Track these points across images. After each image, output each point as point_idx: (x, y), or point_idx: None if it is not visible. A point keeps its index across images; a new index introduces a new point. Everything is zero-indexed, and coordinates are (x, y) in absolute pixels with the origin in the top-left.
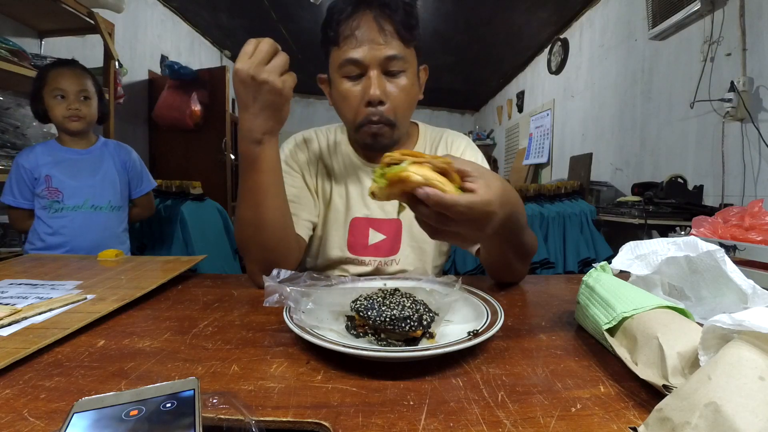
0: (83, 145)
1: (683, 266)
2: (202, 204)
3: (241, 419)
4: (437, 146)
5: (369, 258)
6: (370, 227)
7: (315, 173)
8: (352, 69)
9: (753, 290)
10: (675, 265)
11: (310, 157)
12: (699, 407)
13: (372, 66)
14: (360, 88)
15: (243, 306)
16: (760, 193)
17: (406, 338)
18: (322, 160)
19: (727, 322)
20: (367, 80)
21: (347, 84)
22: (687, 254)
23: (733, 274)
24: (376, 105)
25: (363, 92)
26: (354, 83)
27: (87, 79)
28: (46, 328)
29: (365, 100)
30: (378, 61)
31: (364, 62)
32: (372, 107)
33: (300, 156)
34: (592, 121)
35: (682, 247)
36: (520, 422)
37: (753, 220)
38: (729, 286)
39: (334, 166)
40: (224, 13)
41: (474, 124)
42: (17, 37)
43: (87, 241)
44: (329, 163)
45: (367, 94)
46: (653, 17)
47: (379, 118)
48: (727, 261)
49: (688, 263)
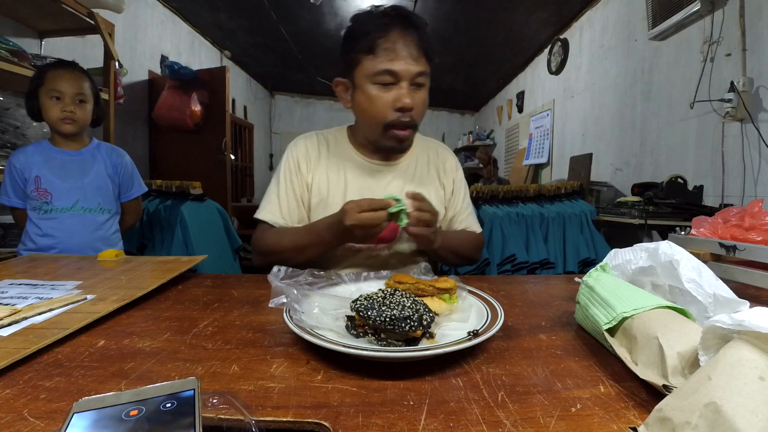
0: (75, 146)
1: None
2: (202, 204)
3: (241, 419)
4: (430, 156)
5: (365, 245)
6: None
7: (315, 170)
8: (387, 78)
9: (713, 299)
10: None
11: (311, 160)
12: (699, 407)
13: (405, 78)
14: (391, 95)
15: (243, 306)
16: (760, 193)
17: (406, 338)
18: (323, 160)
19: (727, 322)
20: (400, 90)
21: (378, 90)
22: (651, 264)
23: (690, 284)
24: (407, 111)
25: (395, 99)
26: (384, 90)
27: (84, 82)
28: (46, 328)
29: (397, 106)
30: (411, 75)
31: (400, 74)
32: (402, 113)
33: (301, 161)
34: (592, 121)
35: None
36: (520, 422)
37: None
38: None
39: (335, 165)
40: (224, 13)
41: (474, 124)
42: (17, 37)
43: (77, 243)
44: (330, 163)
45: (401, 102)
46: (653, 17)
47: (410, 120)
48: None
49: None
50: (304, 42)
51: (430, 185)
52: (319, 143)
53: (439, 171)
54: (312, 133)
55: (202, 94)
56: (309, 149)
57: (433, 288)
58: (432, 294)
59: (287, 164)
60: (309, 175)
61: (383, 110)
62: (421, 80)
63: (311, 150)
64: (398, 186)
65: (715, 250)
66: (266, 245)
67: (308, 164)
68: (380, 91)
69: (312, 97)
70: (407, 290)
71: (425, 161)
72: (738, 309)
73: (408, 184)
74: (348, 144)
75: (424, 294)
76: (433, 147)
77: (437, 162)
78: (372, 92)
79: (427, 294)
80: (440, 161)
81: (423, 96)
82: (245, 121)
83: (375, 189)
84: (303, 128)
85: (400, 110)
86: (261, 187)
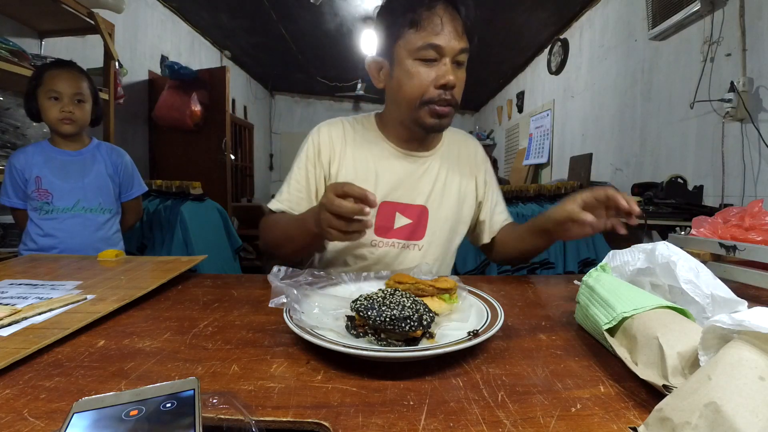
0: (75, 146)
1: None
2: (202, 204)
3: (241, 419)
4: (461, 148)
5: (393, 240)
6: (396, 211)
7: (341, 160)
8: (431, 53)
9: (711, 299)
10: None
11: (335, 148)
12: (699, 407)
13: (448, 54)
14: (433, 72)
15: (243, 306)
16: (760, 193)
17: (406, 338)
18: (350, 148)
19: (727, 322)
20: (443, 66)
21: (420, 66)
22: (648, 266)
23: (687, 285)
24: (449, 89)
25: (438, 76)
26: (426, 66)
27: (83, 82)
28: (46, 328)
29: (440, 82)
30: (454, 51)
31: (444, 50)
32: (444, 90)
33: (323, 149)
34: (592, 121)
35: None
36: (520, 422)
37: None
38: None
39: (361, 154)
40: (224, 13)
41: (474, 124)
42: (17, 37)
43: (78, 243)
44: (356, 152)
45: (445, 78)
46: (653, 17)
47: (451, 98)
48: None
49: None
50: (304, 42)
51: (464, 177)
52: (345, 131)
53: (470, 162)
54: (337, 120)
55: (202, 94)
56: (333, 137)
57: (433, 288)
58: (432, 294)
59: (306, 153)
60: (333, 166)
61: (424, 86)
62: (461, 58)
63: (335, 138)
64: (432, 177)
65: (715, 250)
66: (262, 234)
67: (332, 154)
68: (422, 66)
69: (312, 97)
70: (407, 290)
71: (456, 153)
72: (737, 309)
73: (442, 174)
74: (377, 131)
75: (424, 294)
76: (461, 138)
77: (468, 153)
78: (413, 68)
79: (427, 294)
80: (471, 153)
81: (463, 76)
82: (245, 121)
83: (408, 181)
84: (303, 128)
85: (443, 87)
86: (261, 187)
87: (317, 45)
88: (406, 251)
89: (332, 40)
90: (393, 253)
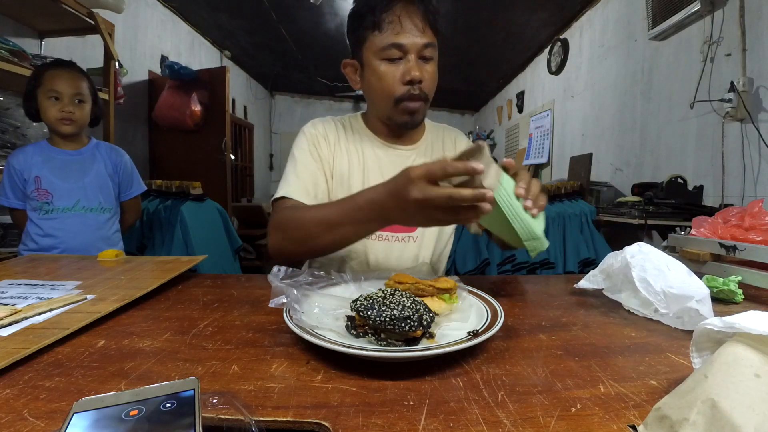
0: (74, 146)
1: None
2: (202, 204)
3: (241, 419)
4: (444, 139)
5: (388, 233)
6: None
7: (335, 151)
8: (394, 52)
9: (663, 295)
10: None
11: (329, 140)
12: (697, 404)
13: (412, 51)
14: (399, 69)
15: (243, 306)
16: (760, 193)
17: (406, 338)
18: (342, 142)
19: (718, 325)
20: (407, 63)
21: (386, 66)
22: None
23: (640, 284)
24: (416, 83)
25: (403, 73)
26: (393, 65)
27: (83, 82)
28: (46, 328)
29: (406, 79)
30: (418, 47)
31: (407, 47)
32: (411, 85)
33: (320, 140)
34: (592, 121)
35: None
36: (520, 422)
37: (753, 220)
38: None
39: (353, 147)
40: (224, 13)
41: (474, 125)
42: (17, 37)
43: (78, 242)
44: (349, 145)
45: (410, 74)
46: (653, 17)
47: (419, 92)
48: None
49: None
50: (304, 42)
51: None
52: (336, 126)
53: (452, 149)
54: (327, 118)
55: (202, 94)
56: (327, 130)
57: (433, 288)
58: (432, 294)
59: (306, 140)
60: (330, 155)
61: (392, 85)
62: (428, 53)
63: (329, 131)
64: None
65: (715, 250)
66: (283, 232)
67: (327, 145)
68: (388, 66)
69: (312, 97)
70: (407, 290)
71: (440, 145)
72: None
73: None
74: (364, 128)
75: (424, 294)
76: (444, 130)
77: (450, 142)
78: (380, 68)
79: (427, 294)
80: (452, 140)
81: (432, 69)
82: (245, 121)
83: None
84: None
85: (410, 83)
86: (261, 188)
87: (317, 45)
88: (403, 244)
89: (332, 40)
90: (389, 247)
